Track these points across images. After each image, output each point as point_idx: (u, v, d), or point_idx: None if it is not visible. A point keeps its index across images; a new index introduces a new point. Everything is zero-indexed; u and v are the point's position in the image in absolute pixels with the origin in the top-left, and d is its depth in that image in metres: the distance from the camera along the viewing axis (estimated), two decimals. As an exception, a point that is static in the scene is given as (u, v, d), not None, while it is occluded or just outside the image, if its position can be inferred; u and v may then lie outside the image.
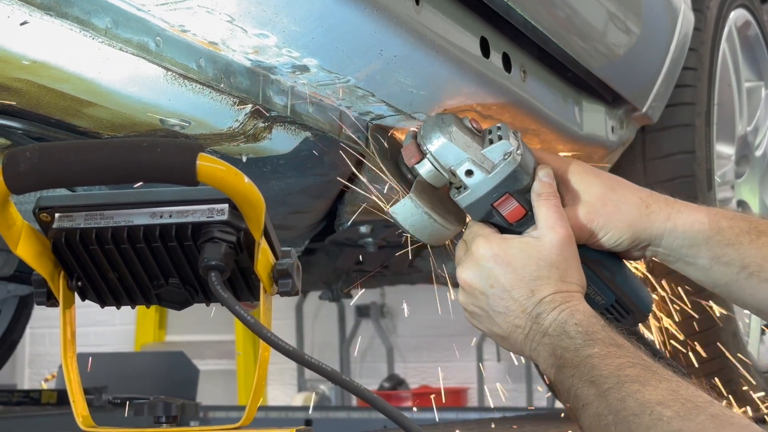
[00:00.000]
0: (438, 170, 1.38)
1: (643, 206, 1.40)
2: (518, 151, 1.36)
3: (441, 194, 1.42)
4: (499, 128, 1.39)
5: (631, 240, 1.40)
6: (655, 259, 1.46)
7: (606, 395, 1.13)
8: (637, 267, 1.79)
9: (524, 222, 1.36)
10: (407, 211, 1.38)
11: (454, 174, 1.37)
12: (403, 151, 1.42)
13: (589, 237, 1.39)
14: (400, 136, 1.58)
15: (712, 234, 1.39)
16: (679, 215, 1.40)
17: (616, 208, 1.39)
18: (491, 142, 1.37)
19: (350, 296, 2.98)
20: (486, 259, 1.32)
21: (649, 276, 1.96)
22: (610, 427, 1.10)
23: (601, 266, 1.42)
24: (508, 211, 1.35)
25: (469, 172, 1.36)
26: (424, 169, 1.39)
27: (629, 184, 1.43)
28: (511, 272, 1.30)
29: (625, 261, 1.46)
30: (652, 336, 1.97)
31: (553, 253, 1.32)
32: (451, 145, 1.37)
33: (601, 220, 1.39)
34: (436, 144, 1.38)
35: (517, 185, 1.36)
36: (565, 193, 1.39)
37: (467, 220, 1.43)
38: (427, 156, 1.39)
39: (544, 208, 1.35)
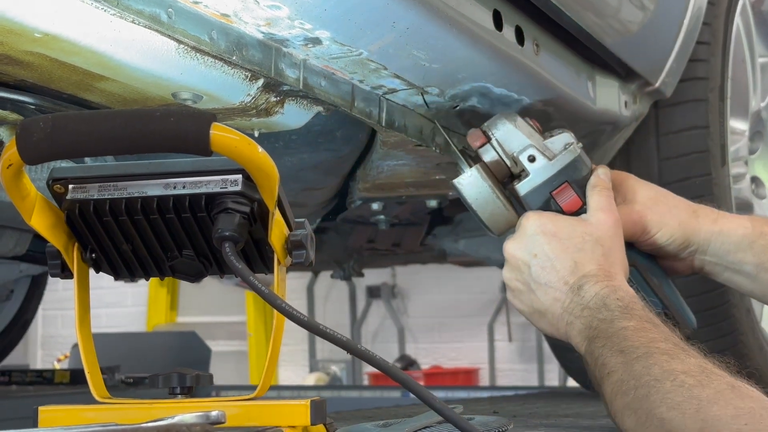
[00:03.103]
0: (500, 156, 1.42)
1: (690, 210, 1.47)
2: (578, 144, 1.43)
3: (500, 185, 1.46)
4: (556, 128, 1.46)
5: (682, 241, 1.45)
6: (702, 272, 1.50)
7: (632, 363, 1.13)
8: None
9: (579, 215, 1.40)
10: (473, 183, 1.43)
11: (515, 162, 1.42)
12: (468, 135, 1.47)
13: (642, 233, 1.45)
14: None
15: (756, 238, 1.45)
16: (725, 220, 1.47)
17: (666, 209, 1.46)
18: (551, 136, 1.44)
19: (362, 275, 2.99)
20: (533, 230, 1.36)
21: None
22: (630, 391, 1.11)
23: (651, 273, 1.46)
24: (565, 202, 1.40)
25: (531, 158, 1.41)
26: (488, 153, 1.43)
27: (677, 195, 1.50)
28: (556, 242, 1.33)
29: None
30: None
31: (599, 230, 1.36)
32: (516, 131, 1.43)
33: (653, 218, 1.44)
34: (501, 129, 1.44)
35: (576, 175, 1.41)
36: (618, 195, 1.44)
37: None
38: (492, 141, 1.44)
39: (596, 196, 1.40)
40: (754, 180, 2.68)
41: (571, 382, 3.66)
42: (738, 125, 2.56)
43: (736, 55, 2.44)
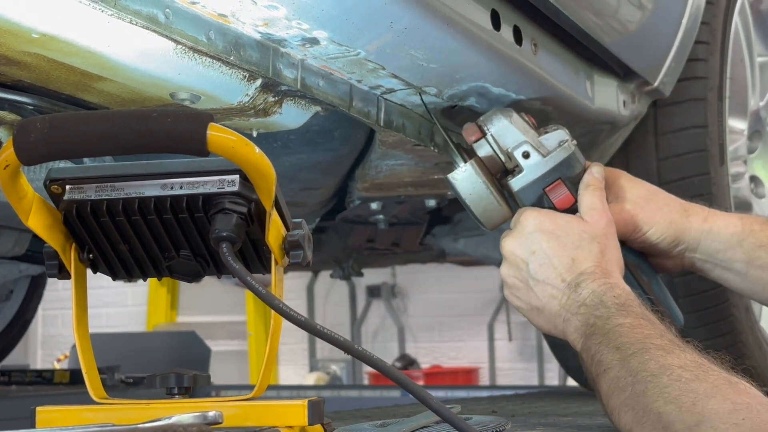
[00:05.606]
0: (495, 152, 1.44)
1: (682, 209, 1.49)
2: (573, 141, 1.45)
3: (494, 181, 1.48)
4: (551, 125, 1.48)
5: (672, 239, 1.47)
6: (693, 270, 1.51)
7: (629, 360, 1.14)
8: None
9: (572, 212, 1.42)
10: (467, 178, 1.45)
11: (510, 157, 1.44)
12: (463, 130, 1.49)
13: (633, 231, 1.46)
14: None
15: (745, 236, 1.47)
16: (715, 218, 1.48)
17: (657, 207, 1.47)
18: (546, 133, 1.46)
19: (361, 275, 2.99)
20: (531, 227, 1.37)
21: None
22: (627, 387, 1.11)
23: (641, 271, 1.47)
24: (558, 198, 1.42)
25: (526, 154, 1.43)
26: (483, 148, 1.45)
27: (668, 193, 1.52)
28: (554, 239, 1.35)
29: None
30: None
31: (595, 228, 1.38)
32: (511, 127, 1.45)
33: (644, 216, 1.46)
34: (497, 124, 1.46)
35: (569, 172, 1.43)
36: (610, 193, 1.46)
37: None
38: (487, 135, 1.46)
39: (589, 195, 1.41)
40: (753, 179, 2.68)
41: (572, 382, 3.66)
42: (737, 124, 2.56)
43: (734, 55, 2.44)
